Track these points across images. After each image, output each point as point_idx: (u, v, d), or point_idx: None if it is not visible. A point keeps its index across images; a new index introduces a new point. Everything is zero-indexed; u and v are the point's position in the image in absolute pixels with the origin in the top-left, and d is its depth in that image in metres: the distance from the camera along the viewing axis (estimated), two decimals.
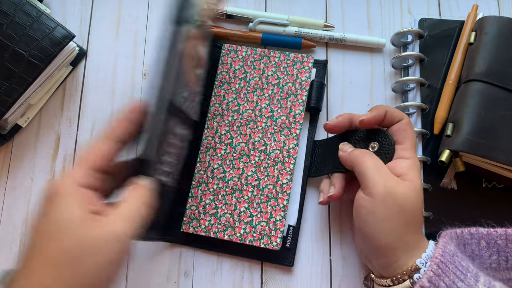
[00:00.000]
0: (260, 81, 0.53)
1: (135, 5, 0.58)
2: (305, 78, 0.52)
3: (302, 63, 0.53)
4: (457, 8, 0.58)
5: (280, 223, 0.48)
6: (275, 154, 0.50)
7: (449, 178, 0.50)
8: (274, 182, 0.50)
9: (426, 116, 0.52)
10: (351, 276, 0.50)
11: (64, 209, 0.34)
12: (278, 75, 0.53)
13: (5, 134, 0.52)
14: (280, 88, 0.52)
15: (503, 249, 0.43)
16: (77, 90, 0.55)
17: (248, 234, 0.48)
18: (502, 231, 0.43)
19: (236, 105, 0.52)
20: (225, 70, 0.54)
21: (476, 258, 0.43)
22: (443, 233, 0.43)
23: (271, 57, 0.54)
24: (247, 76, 0.53)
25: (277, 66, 0.53)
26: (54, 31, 0.49)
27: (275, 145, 0.51)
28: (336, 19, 0.58)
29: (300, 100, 0.52)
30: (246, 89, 0.53)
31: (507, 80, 0.48)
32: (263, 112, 0.52)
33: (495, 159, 0.45)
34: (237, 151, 0.51)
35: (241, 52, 0.54)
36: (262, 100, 0.52)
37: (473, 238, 0.44)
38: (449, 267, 0.38)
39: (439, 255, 0.39)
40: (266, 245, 0.48)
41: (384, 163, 0.43)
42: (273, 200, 0.49)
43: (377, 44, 0.56)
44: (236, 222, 0.49)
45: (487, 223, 0.46)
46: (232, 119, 0.52)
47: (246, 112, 0.52)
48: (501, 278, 0.43)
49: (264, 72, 0.53)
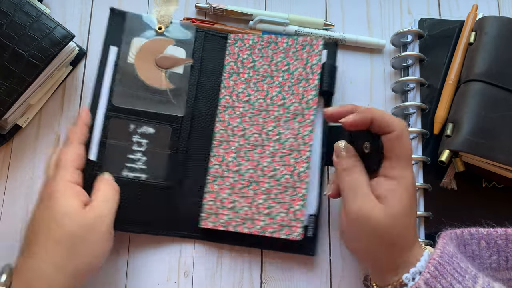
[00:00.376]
0: (269, 68, 0.52)
1: (135, 5, 0.58)
2: (316, 62, 0.51)
3: (312, 46, 0.51)
4: (457, 8, 0.58)
5: (299, 213, 0.47)
6: (290, 142, 0.49)
7: (449, 178, 0.50)
8: (291, 171, 0.48)
9: (426, 116, 0.52)
10: (351, 276, 0.50)
11: (64, 202, 0.42)
12: (288, 61, 0.51)
13: (5, 134, 0.52)
14: (291, 74, 0.51)
15: (503, 249, 0.43)
16: (77, 90, 0.55)
17: (268, 225, 0.47)
18: (502, 231, 0.43)
19: (247, 95, 0.51)
20: (232, 60, 0.53)
21: (476, 258, 0.43)
22: (442, 234, 0.43)
23: (279, 43, 0.52)
24: (255, 64, 0.52)
25: (286, 52, 0.52)
26: (54, 31, 0.49)
27: (289, 133, 0.49)
28: (336, 19, 0.58)
29: (312, 84, 0.50)
30: (256, 78, 0.52)
31: (507, 80, 0.48)
32: (274, 101, 0.51)
33: (495, 159, 0.45)
34: (251, 142, 0.50)
35: (247, 40, 0.53)
36: (272, 88, 0.51)
37: (473, 238, 0.43)
38: (446, 268, 0.38)
39: (437, 257, 0.38)
40: (287, 235, 0.47)
41: (373, 169, 0.42)
42: (291, 190, 0.48)
43: (377, 45, 0.56)
44: (255, 214, 0.48)
45: (487, 223, 0.45)
46: (244, 110, 0.51)
47: (257, 102, 0.51)
48: (501, 278, 0.43)
49: (273, 59, 0.52)
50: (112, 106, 0.51)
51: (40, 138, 0.53)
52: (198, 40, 0.54)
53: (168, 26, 0.53)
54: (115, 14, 0.54)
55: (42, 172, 0.52)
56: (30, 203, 0.51)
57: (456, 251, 0.40)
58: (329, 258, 0.50)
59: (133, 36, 0.53)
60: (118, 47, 0.52)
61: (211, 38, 0.54)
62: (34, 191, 0.52)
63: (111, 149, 0.50)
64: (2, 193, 0.52)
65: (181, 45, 0.53)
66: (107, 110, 0.50)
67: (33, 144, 0.53)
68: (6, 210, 0.51)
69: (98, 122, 0.50)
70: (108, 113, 0.50)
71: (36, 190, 0.52)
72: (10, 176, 0.52)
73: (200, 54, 0.53)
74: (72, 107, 0.54)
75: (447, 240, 0.41)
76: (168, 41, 0.53)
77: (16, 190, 0.52)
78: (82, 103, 0.55)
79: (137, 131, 0.50)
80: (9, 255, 0.50)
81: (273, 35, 0.53)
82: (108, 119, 0.50)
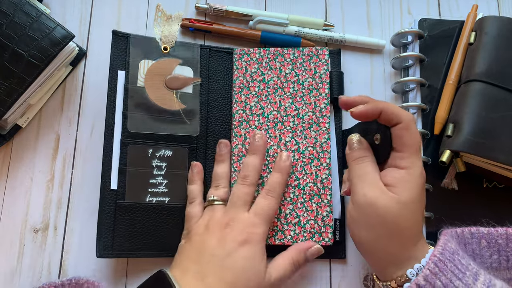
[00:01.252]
0: (279, 80, 0.52)
1: (135, 5, 0.58)
2: (324, 71, 0.52)
3: (318, 56, 0.52)
4: (457, 8, 0.58)
5: (328, 219, 0.48)
6: (309, 151, 0.50)
7: (450, 179, 0.50)
8: (314, 179, 0.49)
9: (426, 117, 0.52)
10: (351, 276, 0.50)
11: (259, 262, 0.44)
12: (296, 72, 0.52)
13: (5, 134, 0.52)
14: (301, 84, 0.52)
15: (503, 249, 0.43)
16: (77, 90, 0.55)
17: (299, 234, 0.48)
18: (503, 230, 0.43)
19: (260, 109, 0.51)
20: (241, 75, 0.53)
21: (476, 257, 0.43)
22: (444, 231, 0.43)
23: (286, 55, 0.53)
24: (265, 77, 0.52)
25: (293, 63, 0.52)
26: (53, 31, 0.49)
27: (307, 143, 0.50)
28: (336, 19, 0.58)
29: (323, 93, 0.51)
30: (267, 91, 0.52)
31: (508, 80, 0.48)
32: (288, 112, 0.51)
33: (496, 159, 0.45)
34: (270, 155, 0.50)
35: (254, 54, 0.53)
36: (285, 100, 0.51)
37: (474, 237, 0.43)
38: (447, 265, 0.38)
39: (438, 253, 0.38)
40: (319, 242, 0.47)
41: (384, 159, 0.43)
42: (317, 197, 0.49)
43: (377, 46, 0.56)
44: (284, 225, 0.48)
45: (487, 222, 0.46)
46: (259, 123, 0.51)
47: (271, 114, 0.51)
48: (501, 277, 0.43)
49: (281, 71, 0.52)
50: (128, 132, 0.50)
51: (40, 138, 0.53)
52: (203, 57, 0.54)
53: (173, 46, 0.53)
54: (118, 36, 0.52)
55: (42, 172, 0.52)
56: (30, 203, 0.51)
57: (458, 247, 0.40)
58: (329, 259, 0.50)
59: (140, 58, 0.52)
60: (126, 71, 0.51)
61: (216, 55, 0.55)
62: (34, 191, 0.52)
63: (132, 176, 0.49)
64: (2, 193, 0.52)
65: (187, 64, 0.53)
66: (123, 137, 0.50)
67: (33, 144, 0.53)
68: (6, 210, 0.51)
69: (115, 150, 0.50)
70: (124, 139, 0.49)
71: (36, 190, 0.52)
72: (10, 176, 0.52)
73: (207, 71, 0.54)
74: (72, 107, 0.54)
75: (448, 237, 0.41)
76: (175, 61, 0.53)
77: (16, 190, 0.52)
78: (82, 103, 0.54)
79: (156, 155, 0.50)
80: (9, 255, 0.50)
81: (279, 48, 0.53)
82: (126, 146, 0.49)
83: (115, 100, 0.51)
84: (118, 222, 0.48)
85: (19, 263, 0.50)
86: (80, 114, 0.54)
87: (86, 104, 0.54)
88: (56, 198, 0.51)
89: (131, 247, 0.48)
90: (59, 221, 0.51)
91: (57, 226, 0.51)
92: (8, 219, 0.51)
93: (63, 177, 0.52)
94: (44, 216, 0.51)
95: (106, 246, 0.47)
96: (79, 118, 0.54)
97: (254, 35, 0.56)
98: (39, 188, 0.52)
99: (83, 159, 0.53)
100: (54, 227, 0.51)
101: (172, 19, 0.53)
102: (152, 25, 0.56)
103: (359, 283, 0.49)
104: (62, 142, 0.53)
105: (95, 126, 0.54)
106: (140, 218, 0.48)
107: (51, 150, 0.53)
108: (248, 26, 0.57)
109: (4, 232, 0.50)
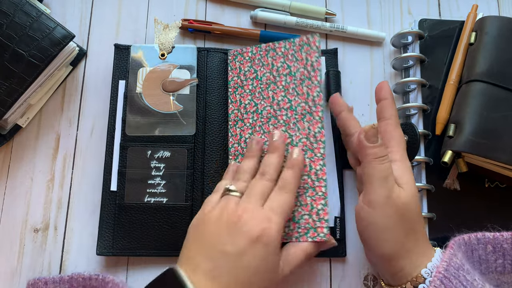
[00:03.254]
0: (271, 75, 0.52)
1: (135, 5, 0.58)
2: (315, 58, 0.50)
3: (309, 44, 0.51)
4: (457, 8, 0.59)
5: (323, 212, 0.46)
6: (302, 142, 0.48)
7: (452, 179, 0.50)
8: (308, 171, 0.48)
9: (427, 117, 0.52)
10: (351, 276, 0.50)
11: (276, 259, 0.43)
12: (288, 64, 0.51)
13: (5, 134, 0.52)
14: (293, 76, 0.51)
15: (508, 253, 0.43)
16: (77, 90, 0.55)
17: (293, 231, 0.46)
18: (508, 235, 0.43)
19: (254, 106, 0.51)
20: (235, 75, 0.53)
21: (483, 262, 0.43)
22: (451, 242, 0.42)
23: (277, 49, 0.52)
24: (257, 74, 0.52)
25: (285, 56, 0.51)
26: (54, 31, 0.49)
27: (300, 134, 0.49)
28: (336, 19, 0.58)
29: (316, 81, 0.49)
30: (260, 87, 0.52)
31: (508, 80, 0.48)
32: (281, 105, 0.50)
33: (498, 159, 0.45)
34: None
35: (247, 53, 0.53)
36: (277, 94, 0.51)
37: (480, 243, 0.43)
38: (452, 282, 0.38)
39: (442, 270, 0.38)
40: (313, 238, 0.45)
41: (412, 156, 0.44)
42: (311, 190, 0.47)
43: (376, 38, 0.56)
44: None
45: (493, 227, 0.45)
46: (253, 121, 0.51)
47: (265, 110, 0.51)
48: (506, 281, 0.43)
49: (273, 65, 0.52)
50: (126, 136, 0.51)
51: (40, 138, 0.53)
52: (201, 59, 0.54)
53: (170, 52, 0.53)
54: (120, 49, 0.55)
55: (42, 172, 0.52)
56: (30, 203, 0.51)
57: (463, 261, 0.40)
58: (329, 258, 0.50)
59: (138, 66, 0.53)
60: (126, 80, 0.53)
61: (213, 55, 0.55)
62: (34, 191, 0.52)
63: (131, 177, 0.50)
64: (2, 193, 0.51)
65: (185, 67, 0.53)
66: (123, 141, 0.51)
67: (33, 144, 0.53)
68: (6, 210, 0.51)
69: (115, 153, 0.51)
70: (123, 143, 0.51)
71: (36, 190, 0.52)
72: (10, 176, 0.52)
73: (205, 72, 0.54)
74: (72, 107, 0.54)
75: (455, 248, 0.41)
76: (172, 65, 0.53)
77: (16, 190, 0.52)
78: (82, 103, 0.54)
79: (154, 156, 0.50)
80: (9, 255, 0.50)
81: (270, 43, 0.53)
82: (126, 149, 0.50)
83: (116, 106, 0.53)
84: (118, 222, 0.49)
85: (19, 263, 0.49)
86: (80, 114, 0.54)
87: (86, 104, 0.54)
88: (56, 198, 0.51)
89: (130, 246, 0.49)
90: (59, 221, 0.51)
91: (57, 226, 0.51)
92: (8, 219, 0.51)
93: (63, 177, 0.52)
94: (44, 216, 0.51)
95: (106, 245, 0.49)
96: (79, 118, 0.54)
97: (254, 34, 0.56)
98: (39, 188, 0.52)
99: (83, 159, 0.53)
100: (54, 227, 0.51)
101: (169, 28, 0.54)
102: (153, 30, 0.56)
103: (359, 282, 0.49)
104: (62, 142, 0.53)
105: (95, 126, 0.54)
106: (138, 218, 0.49)
107: (51, 150, 0.53)
108: (249, 15, 0.58)
109: (4, 232, 0.50)
